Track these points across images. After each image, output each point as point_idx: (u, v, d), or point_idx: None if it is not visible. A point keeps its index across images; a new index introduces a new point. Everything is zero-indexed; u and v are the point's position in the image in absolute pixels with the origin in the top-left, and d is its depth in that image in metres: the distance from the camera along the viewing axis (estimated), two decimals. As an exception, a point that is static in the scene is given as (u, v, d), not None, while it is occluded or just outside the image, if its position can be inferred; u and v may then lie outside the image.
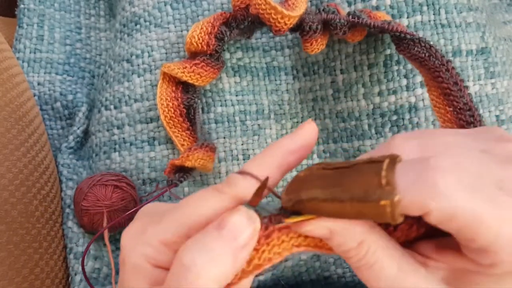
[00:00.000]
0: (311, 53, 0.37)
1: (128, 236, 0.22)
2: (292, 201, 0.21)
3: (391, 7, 0.37)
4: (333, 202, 0.20)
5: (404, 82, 0.37)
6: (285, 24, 0.33)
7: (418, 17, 0.37)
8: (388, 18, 0.36)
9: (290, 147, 0.22)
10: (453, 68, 0.31)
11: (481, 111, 0.37)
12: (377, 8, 0.37)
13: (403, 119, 0.37)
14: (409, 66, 0.37)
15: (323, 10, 0.35)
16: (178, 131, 0.39)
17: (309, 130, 0.23)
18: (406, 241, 0.22)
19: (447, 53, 0.37)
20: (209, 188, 0.21)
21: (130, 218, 0.39)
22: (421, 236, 0.22)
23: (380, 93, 0.38)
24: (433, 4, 0.37)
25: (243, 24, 0.36)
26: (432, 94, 0.32)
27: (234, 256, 0.20)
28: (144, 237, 0.21)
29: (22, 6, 0.49)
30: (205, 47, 0.36)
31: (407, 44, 0.33)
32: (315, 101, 0.41)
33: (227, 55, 0.42)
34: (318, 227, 0.21)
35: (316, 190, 0.21)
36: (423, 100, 0.37)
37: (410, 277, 0.21)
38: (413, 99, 0.37)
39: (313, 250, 0.23)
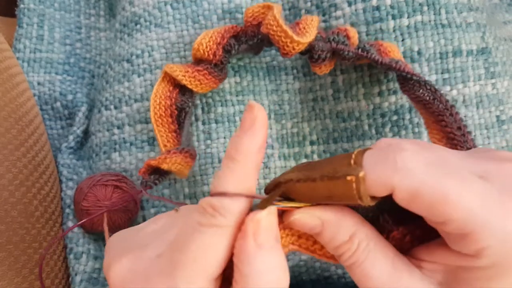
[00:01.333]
0: (319, 74, 0.37)
1: (126, 281, 0.21)
2: (272, 184, 0.22)
3: (392, 7, 0.37)
4: (306, 181, 0.21)
5: (404, 82, 0.37)
6: (294, 48, 0.33)
7: (419, 17, 0.37)
8: (398, 53, 0.36)
9: (256, 146, 0.20)
10: (457, 113, 0.31)
11: (481, 112, 0.37)
12: (377, 8, 0.37)
13: (403, 119, 0.37)
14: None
15: (333, 39, 0.35)
16: (164, 131, 0.38)
17: (258, 115, 0.20)
18: (400, 249, 0.22)
19: (447, 53, 0.37)
20: (202, 229, 0.20)
21: (130, 219, 0.39)
22: (415, 246, 0.22)
23: (380, 93, 0.38)
24: (433, 4, 0.37)
25: (252, 40, 0.36)
26: (434, 137, 0.32)
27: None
28: None
29: (22, 6, 0.49)
30: (211, 56, 0.36)
31: (412, 85, 0.33)
32: (315, 101, 0.41)
33: (227, 55, 0.42)
34: (309, 215, 0.21)
35: (292, 173, 0.21)
36: (423, 100, 0.37)
37: (405, 277, 0.20)
38: (413, 99, 0.37)
39: (306, 252, 0.23)
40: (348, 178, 0.19)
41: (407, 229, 0.22)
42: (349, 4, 0.38)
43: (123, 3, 0.45)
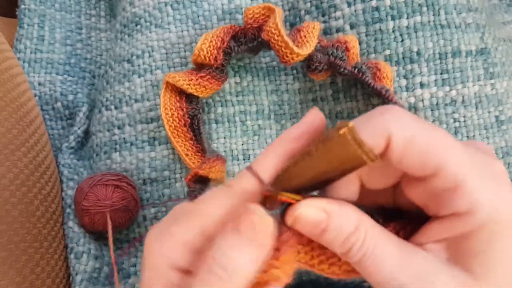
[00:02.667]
0: (315, 79, 0.38)
1: (151, 235, 0.22)
2: (275, 182, 0.22)
3: (391, 7, 0.37)
4: (303, 159, 0.20)
5: (403, 82, 0.37)
6: (293, 58, 0.33)
7: (418, 18, 0.37)
8: (391, 78, 0.37)
9: (294, 134, 0.22)
10: None
11: (480, 112, 0.37)
12: (377, 9, 0.37)
13: (402, 119, 0.38)
14: (409, 67, 0.37)
15: (331, 53, 0.35)
16: (182, 141, 0.39)
17: (313, 116, 0.22)
18: None
19: (447, 54, 0.37)
20: (222, 186, 0.22)
21: (131, 218, 0.40)
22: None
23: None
24: (432, 4, 0.37)
25: (252, 43, 0.36)
26: None
27: (254, 257, 0.20)
28: (164, 238, 0.21)
29: (23, 6, 0.49)
30: (212, 61, 0.36)
31: None
32: (315, 102, 0.41)
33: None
34: (312, 208, 0.20)
35: (289, 162, 0.21)
36: (422, 100, 0.37)
37: (416, 258, 0.20)
38: (412, 100, 0.37)
39: (311, 269, 0.22)
40: (341, 131, 0.19)
41: (399, 225, 0.22)
42: (349, 5, 0.38)
43: (123, 3, 0.45)
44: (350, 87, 0.39)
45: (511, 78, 0.38)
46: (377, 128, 0.19)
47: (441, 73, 0.37)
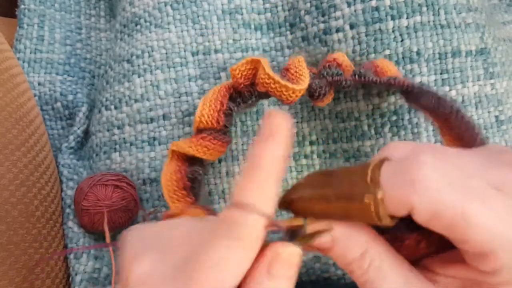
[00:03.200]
0: (322, 106, 0.37)
1: (140, 280, 0.20)
2: (284, 201, 0.21)
3: (391, 7, 0.37)
4: (319, 200, 0.20)
5: (403, 82, 0.37)
6: (296, 96, 0.33)
7: (418, 18, 0.37)
8: (394, 69, 0.36)
9: (278, 154, 0.19)
10: (463, 116, 0.31)
11: (480, 112, 0.37)
12: (376, 9, 0.37)
13: (402, 119, 0.38)
14: (409, 67, 0.37)
15: (326, 74, 0.35)
16: (182, 205, 0.36)
17: (279, 122, 0.19)
18: (414, 258, 0.22)
19: (446, 54, 0.37)
20: (222, 242, 0.19)
21: (131, 218, 0.40)
22: (431, 253, 0.22)
23: (379, 94, 0.38)
24: (432, 4, 0.37)
25: (250, 99, 0.36)
26: (447, 139, 0.33)
27: None
28: None
29: (22, 6, 0.49)
30: (215, 124, 0.35)
31: (415, 96, 0.34)
32: (315, 102, 0.41)
33: (227, 55, 0.42)
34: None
35: (305, 189, 0.21)
36: (422, 100, 0.37)
37: None
38: (412, 100, 0.37)
39: (316, 251, 0.22)
40: (366, 200, 0.19)
41: (421, 236, 0.21)
42: (349, 5, 0.38)
43: (123, 3, 0.45)
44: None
45: (511, 78, 0.38)
46: (400, 199, 0.18)
47: (440, 73, 0.37)
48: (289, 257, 0.19)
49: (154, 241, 0.22)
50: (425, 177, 0.18)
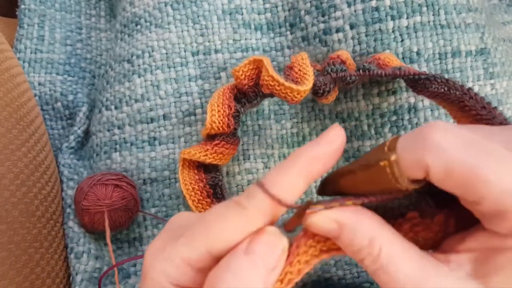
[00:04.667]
0: (327, 103, 0.37)
1: (151, 250, 0.21)
2: (321, 184, 0.23)
3: (391, 7, 0.37)
4: (347, 174, 0.21)
5: (403, 82, 0.37)
6: (301, 96, 0.33)
7: (418, 18, 0.37)
8: (396, 60, 0.36)
9: (313, 153, 0.20)
10: (475, 94, 0.31)
11: (480, 112, 0.37)
12: (376, 9, 0.38)
13: (402, 119, 0.38)
14: (409, 66, 0.37)
15: (331, 70, 0.35)
16: None
17: (335, 134, 0.21)
18: (441, 236, 0.22)
19: (446, 54, 0.37)
20: (231, 203, 0.20)
21: (131, 218, 0.40)
22: (458, 231, 0.22)
23: (379, 94, 0.38)
24: (432, 4, 0.37)
25: (255, 99, 0.36)
26: (463, 123, 0.32)
27: (266, 280, 0.19)
28: (165, 254, 0.20)
29: (23, 6, 0.49)
30: (226, 129, 0.35)
31: (424, 84, 0.33)
32: (315, 101, 0.41)
33: (227, 56, 0.42)
34: (324, 219, 0.20)
35: (337, 171, 0.22)
36: (422, 100, 0.37)
37: (433, 276, 0.20)
38: (412, 100, 0.37)
39: (340, 253, 0.22)
40: (381, 163, 0.19)
41: (451, 211, 0.22)
42: (349, 5, 0.39)
43: (123, 3, 0.45)
44: (350, 88, 0.39)
45: (510, 78, 0.38)
46: (415, 159, 0.19)
47: (440, 73, 0.37)
48: (268, 236, 0.20)
49: (178, 224, 0.23)
50: (438, 137, 0.19)
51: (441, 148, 0.19)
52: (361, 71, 0.34)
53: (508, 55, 0.40)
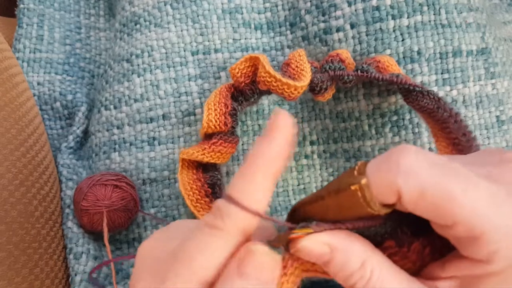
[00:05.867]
0: (323, 100, 0.37)
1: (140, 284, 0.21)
2: (291, 212, 0.22)
3: (392, 7, 0.37)
4: (317, 201, 0.21)
5: (404, 82, 0.37)
6: (298, 92, 0.33)
7: (419, 17, 0.37)
8: (396, 66, 0.36)
9: (271, 153, 0.19)
10: (461, 120, 0.32)
11: (481, 112, 0.37)
12: (377, 8, 0.37)
13: (403, 119, 0.37)
14: (409, 66, 0.37)
15: (329, 68, 0.35)
16: (207, 213, 0.37)
17: (282, 124, 0.19)
18: (419, 265, 0.22)
19: (447, 53, 0.37)
20: (205, 228, 0.20)
21: (130, 218, 0.39)
22: (434, 259, 0.22)
23: (380, 94, 0.38)
24: (433, 4, 0.37)
25: (253, 97, 0.36)
26: (440, 144, 0.33)
27: None
28: None
29: (21, 6, 0.49)
30: (223, 127, 0.35)
31: (416, 96, 0.34)
32: (315, 101, 0.41)
33: (227, 55, 0.42)
34: (316, 242, 0.20)
35: (306, 198, 0.22)
36: (423, 100, 0.37)
37: None
38: (413, 99, 0.37)
39: (322, 276, 0.22)
40: (352, 187, 0.19)
41: (427, 240, 0.21)
42: (349, 4, 0.38)
43: (122, 3, 0.45)
44: (350, 87, 0.39)
45: (511, 78, 0.38)
46: (386, 183, 0.19)
47: (441, 73, 0.37)
48: (259, 256, 0.19)
49: (151, 263, 0.22)
50: (409, 160, 0.19)
51: (413, 171, 0.18)
52: (359, 71, 0.34)
53: (509, 54, 0.39)
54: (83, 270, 0.38)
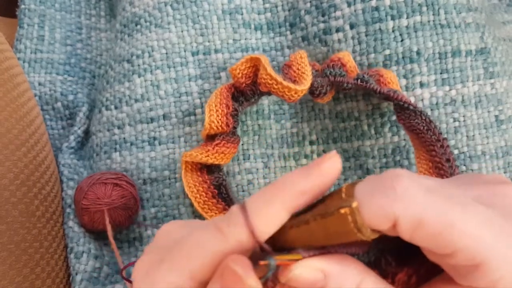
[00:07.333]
0: (322, 102, 0.37)
1: (137, 272, 0.21)
2: (272, 241, 0.20)
3: (391, 7, 0.37)
4: (299, 226, 0.19)
5: (403, 82, 0.37)
6: (298, 95, 0.33)
7: (418, 18, 0.37)
8: (397, 84, 0.37)
9: (302, 187, 0.19)
10: (448, 145, 0.32)
11: (480, 111, 0.37)
12: (376, 8, 0.38)
13: (402, 119, 0.38)
14: (409, 66, 0.37)
15: (330, 73, 0.35)
16: (215, 214, 0.37)
17: (330, 167, 0.19)
18: None
19: (446, 53, 0.37)
20: (211, 227, 0.19)
21: (131, 216, 0.40)
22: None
23: (379, 93, 0.38)
24: (432, 4, 0.37)
25: (253, 97, 0.36)
26: (421, 166, 0.33)
27: None
28: (150, 279, 0.20)
29: (23, 6, 0.49)
30: (225, 128, 0.36)
31: (408, 115, 0.34)
32: (314, 101, 0.41)
33: (227, 55, 0.42)
34: (309, 269, 0.19)
35: (286, 223, 0.20)
36: (422, 100, 0.37)
37: None
38: (412, 99, 0.37)
39: None
40: (342, 211, 0.18)
41: (412, 269, 0.21)
42: (349, 5, 0.38)
43: (123, 3, 0.45)
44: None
45: (511, 78, 0.38)
46: (382, 209, 0.18)
47: (441, 73, 0.37)
48: (234, 273, 0.18)
49: (164, 243, 0.22)
50: (406, 186, 0.18)
51: (411, 199, 0.18)
52: (358, 81, 0.35)
53: (508, 54, 0.40)
54: (84, 269, 0.38)
